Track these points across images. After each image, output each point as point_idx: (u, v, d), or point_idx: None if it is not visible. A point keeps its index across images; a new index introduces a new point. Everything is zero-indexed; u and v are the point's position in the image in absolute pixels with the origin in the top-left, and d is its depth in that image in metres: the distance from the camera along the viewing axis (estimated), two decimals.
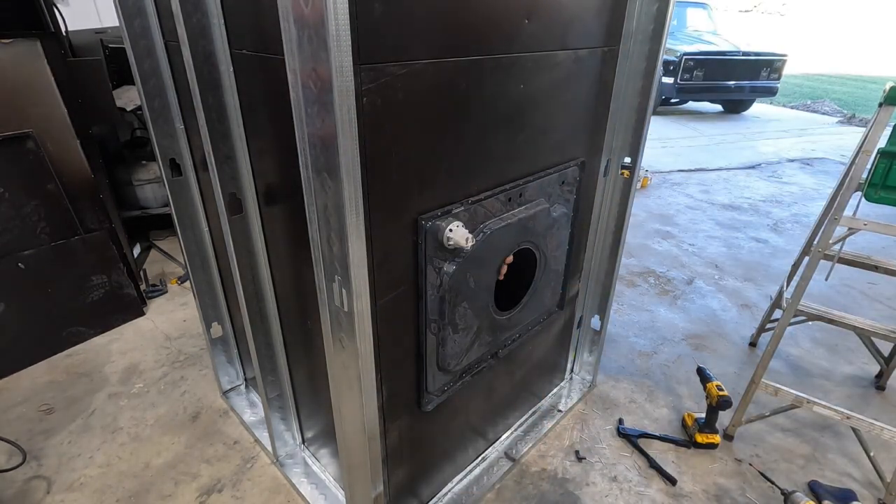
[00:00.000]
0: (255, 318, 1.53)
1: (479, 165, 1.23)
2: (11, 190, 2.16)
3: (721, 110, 8.65)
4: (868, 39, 23.51)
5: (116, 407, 2.08)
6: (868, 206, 1.98)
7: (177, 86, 1.56)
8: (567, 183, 1.54)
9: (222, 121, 1.28)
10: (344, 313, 1.01)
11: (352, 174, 0.87)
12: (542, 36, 1.24)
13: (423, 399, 1.37)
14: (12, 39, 2.12)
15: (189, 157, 1.66)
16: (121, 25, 1.45)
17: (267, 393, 1.65)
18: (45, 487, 1.73)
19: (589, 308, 2.02)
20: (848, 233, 1.90)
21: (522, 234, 1.38)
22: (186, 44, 1.17)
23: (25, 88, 2.18)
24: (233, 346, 2.06)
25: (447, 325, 1.27)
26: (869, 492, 1.78)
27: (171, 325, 2.61)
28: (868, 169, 1.82)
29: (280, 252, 1.41)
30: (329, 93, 0.81)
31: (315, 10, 0.76)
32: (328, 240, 0.96)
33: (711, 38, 7.92)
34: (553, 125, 1.42)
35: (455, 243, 1.13)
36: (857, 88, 11.49)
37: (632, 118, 1.64)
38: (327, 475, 1.74)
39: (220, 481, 1.77)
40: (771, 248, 3.70)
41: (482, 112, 1.17)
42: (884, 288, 3.13)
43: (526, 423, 1.99)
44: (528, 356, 1.82)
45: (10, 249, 2.19)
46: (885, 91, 1.67)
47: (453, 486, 1.72)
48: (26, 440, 1.90)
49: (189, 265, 1.84)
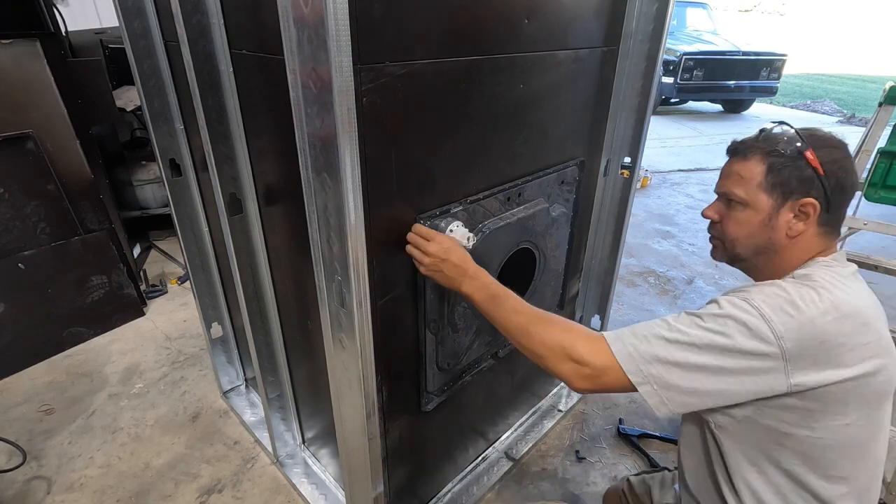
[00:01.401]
0: (255, 318, 1.53)
1: (478, 165, 1.23)
2: (11, 190, 2.16)
3: (721, 110, 8.65)
4: (868, 39, 23.52)
5: (116, 407, 2.08)
6: (868, 206, 1.98)
7: (177, 86, 1.56)
8: (566, 183, 1.54)
9: (222, 121, 1.28)
10: (344, 313, 1.01)
11: (352, 174, 0.87)
12: (542, 36, 1.24)
13: (423, 399, 1.37)
14: (12, 39, 2.12)
15: (189, 157, 1.66)
16: (121, 25, 1.45)
17: (267, 393, 1.65)
18: (46, 488, 1.73)
19: (589, 308, 2.02)
20: (848, 233, 1.90)
21: (521, 234, 1.38)
22: (186, 44, 1.17)
23: (25, 88, 2.18)
24: (233, 346, 2.06)
25: (446, 324, 1.27)
26: None
27: (171, 326, 2.61)
28: (868, 169, 1.82)
29: (280, 252, 1.41)
30: (329, 93, 0.81)
31: (315, 10, 0.76)
32: (328, 240, 0.96)
33: (711, 37, 7.91)
34: (552, 125, 1.42)
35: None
36: (857, 88, 11.48)
37: (632, 118, 1.64)
38: (327, 475, 1.74)
39: (220, 481, 1.77)
40: None
41: (482, 112, 1.17)
42: (884, 288, 3.12)
43: (526, 422, 1.99)
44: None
45: (10, 249, 2.19)
46: (885, 91, 1.68)
47: (453, 485, 1.72)
48: (26, 440, 1.90)
49: (189, 265, 1.84)
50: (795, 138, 0.88)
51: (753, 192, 0.90)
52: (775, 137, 0.90)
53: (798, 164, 0.86)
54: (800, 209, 0.87)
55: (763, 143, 0.90)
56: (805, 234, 0.88)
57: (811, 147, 0.86)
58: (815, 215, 0.86)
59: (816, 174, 0.85)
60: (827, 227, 0.89)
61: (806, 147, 0.86)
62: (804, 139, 0.87)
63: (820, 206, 0.86)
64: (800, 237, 0.88)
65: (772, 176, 0.88)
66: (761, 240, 0.91)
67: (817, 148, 0.86)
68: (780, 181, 0.87)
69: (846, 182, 0.86)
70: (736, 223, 0.93)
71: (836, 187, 0.86)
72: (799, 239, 0.89)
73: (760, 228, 0.90)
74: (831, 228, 0.90)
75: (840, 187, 0.86)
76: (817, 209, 0.86)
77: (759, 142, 0.91)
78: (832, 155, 0.86)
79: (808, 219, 0.87)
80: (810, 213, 0.86)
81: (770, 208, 0.89)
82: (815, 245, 0.89)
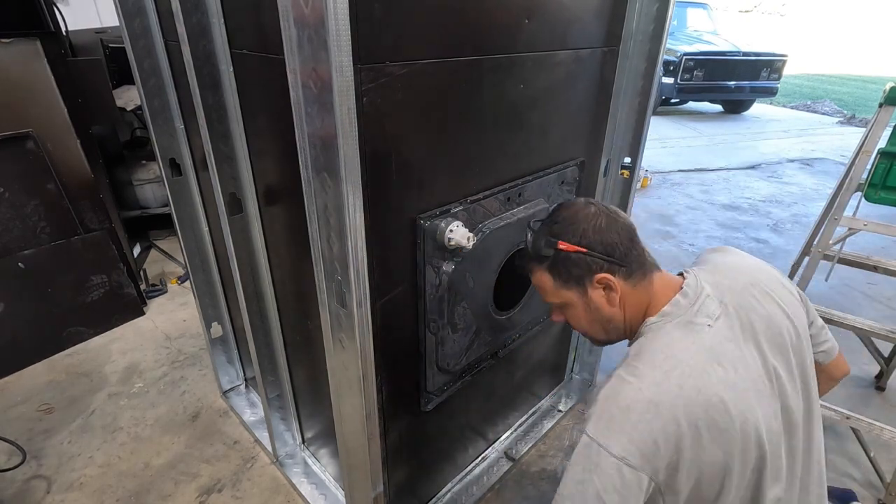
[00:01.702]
0: (255, 318, 1.53)
1: (478, 165, 1.23)
2: (11, 190, 2.16)
3: (721, 110, 8.65)
4: (868, 39, 23.52)
5: (116, 407, 2.08)
6: (868, 206, 1.98)
7: (177, 86, 1.56)
8: (566, 183, 1.54)
9: (222, 121, 1.28)
10: (344, 313, 1.01)
11: (352, 174, 0.87)
12: (543, 36, 1.24)
13: (423, 399, 1.37)
14: (12, 39, 2.12)
15: (189, 157, 1.66)
16: (121, 25, 1.45)
17: (267, 393, 1.65)
18: (45, 487, 1.73)
19: None
20: (848, 233, 1.91)
21: (521, 234, 1.38)
22: (186, 43, 1.17)
23: (25, 88, 2.18)
24: (233, 346, 2.06)
25: (446, 324, 1.27)
26: (869, 492, 1.78)
27: (171, 325, 2.61)
28: (868, 169, 1.82)
29: (280, 252, 1.41)
30: (329, 93, 0.81)
31: (315, 10, 0.76)
32: (328, 240, 0.96)
33: (711, 38, 7.91)
34: (553, 125, 1.42)
35: (456, 243, 1.13)
36: (857, 88, 11.48)
37: (632, 118, 1.64)
38: (327, 475, 1.74)
39: (220, 481, 1.77)
40: (771, 248, 3.70)
41: (482, 112, 1.17)
42: (884, 288, 3.13)
43: (526, 423, 1.99)
44: (527, 356, 1.81)
45: (10, 249, 2.19)
46: (885, 91, 1.68)
47: (453, 485, 1.72)
48: (26, 440, 1.90)
49: (189, 265, 1.84)
50: (544, 240, 0.94)
51: (558, 294, 0.97)
52: (535, 247, 0.96)
53: (562, 255, 0.92)
54: (599, 283, 0.91)
55: (531, 255, 0.98)
56: (623, 294, 0.92)
57: (559, 238, 0.91)
58: (615, 279, 0.90)
59: (581, 254, 0.90)
60: (632, 276, 0.91)
61: (556, 241, 0.92)
62: (552, 235, 0.93)
63: (610, 272, 0.90)
64: (622, 300, 0.92)
65: (557, 277, 0.95)
66: (599, 320, 0.96)
67: (564, 234, 0.91)
68: (566, 276, 0.94)
69: (609, 239, 0.90)
70: (573, 319, 1.01)
71: (607, 249, 0.89)
72: (623, 302, 0.93)
73: (588, 313, 0.96)
74: (638, 273, 0.92)
75: (610, 246, 0.90)
76: (610, 276, 0.90)
77: (529, 254, 0.99)
78: (579, 230, 0.91)
79: (614, 285, 0.90)
80: (608, 282, 0.90)
81: (578, 296, 0.95)
82: (638, 295, 0.92)
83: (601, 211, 0.93)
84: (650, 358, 0.85)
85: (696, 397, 0.79)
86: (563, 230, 0.92)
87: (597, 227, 0.90)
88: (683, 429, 0.78)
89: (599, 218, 0.92)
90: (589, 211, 0.93)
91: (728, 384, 0.81)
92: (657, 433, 0.77)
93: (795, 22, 31.42)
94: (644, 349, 0.87)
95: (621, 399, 0.81)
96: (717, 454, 0.79)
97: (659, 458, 0.77)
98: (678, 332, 0.87)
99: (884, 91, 1.69)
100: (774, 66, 7.55)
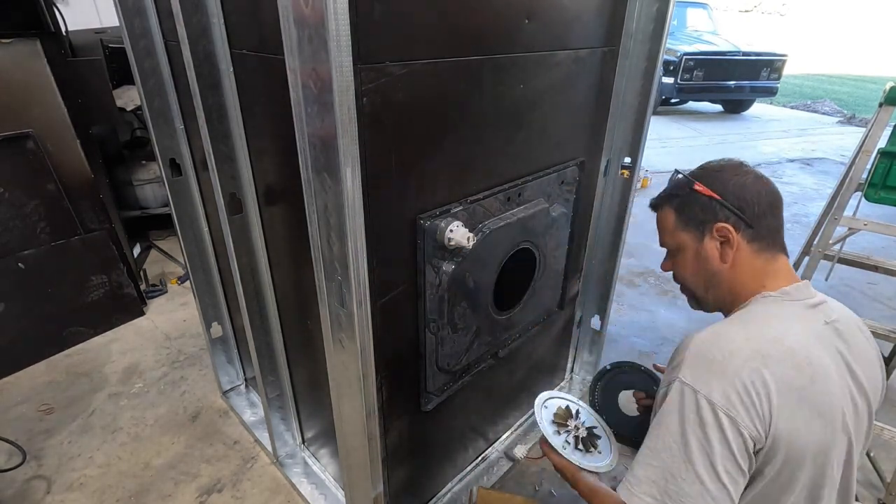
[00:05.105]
0: (255, 318, 1.53)
1: (478, 165, 1.23)
2: (11, 190, 2.16)
3: (721, 110, 8.65)
4: (868, 39, 23.51)
5: (116, 407, 2.08)
6: (868, 206, 1.98)
7: (177, 86, 1.56)
8: (566, 183, 1.54)
9: (222, 121, 1.28)
10: (344, 313, 1.01)
11: (352, 174, 0.87)
12: (543, 36, 1.24)
13: (423, 399, 1.37)
14: (12, 39, 2.12)
15: (189, 157, 1.66)
16: (121, 25, 1.45)
17: (267, 393, 1.65)
18: (45, 487, 1.73)
19: (589, 308, 2.02)
20: (848, 233, 1.90)
21: (521, 234, 1.38)
22: (186, 44, 1.17)
23: (25, 88, 2.18)
24: (233, 346, 2.06)
25: (446, 324, 1.27)
26: (869, 492, 1.78)
27: (171, 325, 2.61)
28: (868, 169, 1.82)
29: (280, 252, 1.41)
30: (329, 93, 0.81)
31: (315, 10, 0.76)
32: (328, 240, 0.96)
33: (711, 38, 7.91)
34: (553, 125, 1.42)
35: (456, 243, 1.13)
36: (857, 88, 11.49)
37: (632, 118, 1.64)
38: (327, 475, 1.74)
39: (220, 481, 1.77)
40: None
41: (482, 112, 1.17)
42: (884, 288, 3.13)
43: (526, 422, 1.99)
44: (527, 356, 1.81)
45: (10, 249, 2.19)
46: (885, 91, 1.67)
47: (453, 485, 1.72)
48: (26, 440, 1.90)
49: (189, 265, 1.84)
50: (686, 179, 0.96)
51: (675, 235, 0.99)
52: (674, 184, 0.99)
53: (694, 197, 0.93)
54: (718, 234, 0.91)
55: (666, 193, 1.01)
56: (740, 255, 0.91)
57: (698, 180, 0.93)
58: (736, 235, 0.90)
59: (713, 200, 0.91)
60: (758, 241, 0.91)
61: (693, 182, 0.93)
62: (693, 176, 0.95)
63: (735, 227, 0.90)
64: (737, 260, 0.92)
65: (681, 216, 0.97)
66: (704, 273, 0.96)
67: (704, 178, 0.93)
68: (689, 217, 0.95)
69: (747, 195, 0.90)
70: (680, 267, 1.01)
71: (740, 204, 0.89)
72: (736, 262, 0.92)
73: (696, 262, 0.96)
74: (765, 242, 0.91)
75: (744, 202, 0.89)
76: (732, 230, 0.90)
77: (663, 193, 1.02)
78: (721, 178, 0.92)
79: (733, 240, 0.90)
80: (728, 235, 0.90)
81: (694, 241, 0.96)
82: (756, 263, 0.91)
83: (751, 172, 0.93)
84: (763, 319, 0.83)
85: (807, 368, 0.77)
86: (706, 175, 0.94)
87: (739, 183, 0.91)
88: (787, 395, 0.75)
89: (747, 176, 0.92)
90: (739, 168, 0.93)
91: (831, 378, 0.79)
92: (759, 386, 0.75)
93: (795, 22, 31.42)
94: (755, 312, 0.86)
95: (724, 343, 0.79)
96: (810, 438, 0.76)
97: (756, 414, 0.74)
98: (798, 310, 0.85)
99: (884, 91, 1.69)
100: (774, 66, 7.55)
